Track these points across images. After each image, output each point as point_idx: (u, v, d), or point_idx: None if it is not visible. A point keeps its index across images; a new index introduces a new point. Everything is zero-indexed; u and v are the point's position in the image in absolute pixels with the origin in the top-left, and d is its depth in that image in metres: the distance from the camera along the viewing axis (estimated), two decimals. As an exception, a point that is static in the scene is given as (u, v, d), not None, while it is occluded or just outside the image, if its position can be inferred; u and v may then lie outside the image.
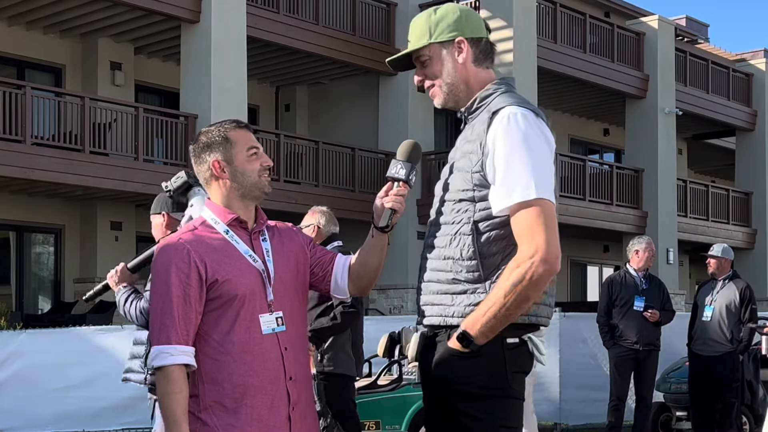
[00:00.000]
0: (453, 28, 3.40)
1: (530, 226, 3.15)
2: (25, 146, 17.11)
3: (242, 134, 3.52)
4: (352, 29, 22.25)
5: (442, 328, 3.32)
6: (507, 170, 3.18)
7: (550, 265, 3.14)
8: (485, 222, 3.25)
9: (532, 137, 3.21)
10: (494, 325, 3.18)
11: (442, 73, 3.40)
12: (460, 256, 3.27)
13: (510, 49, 22.15)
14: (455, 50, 3.40)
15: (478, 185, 3.25)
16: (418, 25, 3.44)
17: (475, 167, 3.26)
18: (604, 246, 28.71)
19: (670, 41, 26.94)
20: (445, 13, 3.42)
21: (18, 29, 20.05)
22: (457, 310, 3.28)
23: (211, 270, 3.37)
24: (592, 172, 25.52)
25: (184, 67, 19.63)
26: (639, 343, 10.16)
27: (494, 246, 3.25)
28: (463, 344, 3.20)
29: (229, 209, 3.49)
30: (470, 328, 3.20)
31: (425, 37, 3.40)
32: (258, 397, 3.37)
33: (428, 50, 3.39)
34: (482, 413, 3.23)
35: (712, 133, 30.99)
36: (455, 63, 3.40)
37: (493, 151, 3.22)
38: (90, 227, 20.62)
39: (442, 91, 3.42)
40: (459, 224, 3.29)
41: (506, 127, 3.21)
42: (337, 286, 3.60)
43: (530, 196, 3.15)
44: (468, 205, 3.27)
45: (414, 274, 22.32)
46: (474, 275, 3.26)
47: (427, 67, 3.42)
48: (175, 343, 3.33)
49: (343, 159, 22.12)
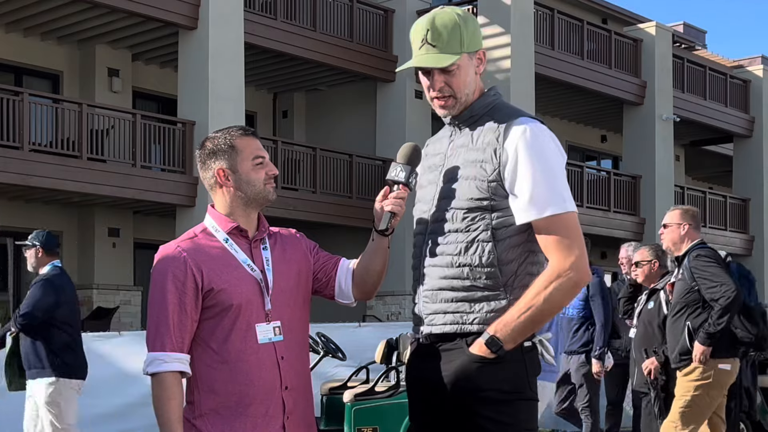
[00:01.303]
0: (478, 39, 3.42)
1: (566, 237, 3.25)
2: (22, 153, 17.11)
3: (248, 142, 3.50)
4: (350, 36, 22.26)
5: (454, 337, 3.33)
6: (534, 183, 3.23)
7: (586, 274, 3.27)
8: (502, 230, 3.29)
9: (554, 150, 3.30)
10: (524, 330, 3.25)
11: (465, 84, 3.39)
12: (479, 263, 3.29)
13: (507, 56, 22.16)
14: (476, 61, 3.42)
15: (495, 194, 3.28)
16: (449, 30, 3.35)
17: (491, 176, 3.28)
18: (602, 252, 28.71)
19: (667, 48, 26.97)
20: (473, 23, 3.41)
21: (15, 36, 20.05)
22: (478, 317, 3.30)
23: (208, 278, 3.37)
24: (590, 178, 25.55)
25: (181, 74, 19.63)
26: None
27: (511, 253, 3.30)
28: (492, 349, 3.23)
29: (230, 217, 3.49)
30: (500, 332, 3.23)
31: (458, 45, 3.35)
32: (253, 406, 3.37)
33: (459, 60, 3.36)
34: (507, 417, 3.27)
35: (709, 139, 31.01)
36: (473, 75, 3.42)
37: (515, 161, 3.26)
38: (87, 234, 20.62)
39: (459, 102, 3.40)
40: (476, 232, 3.30)
41: (529, 140, 3.26)
42: (341, 291, 3.59)
43: (564, 209, 3.25)
44: (484, 213, 3.29)
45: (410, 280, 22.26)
46: (493, 282, 3.29)
47: (453, 76, 3.37)
48: (169, 350, 3.34)
49: (341, 165, 22.13)
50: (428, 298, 3.39)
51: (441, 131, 3.60)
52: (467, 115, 3.42)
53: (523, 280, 3.30)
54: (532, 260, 3.33)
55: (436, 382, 3.33)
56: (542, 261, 3.34)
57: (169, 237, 16.47)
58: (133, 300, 20.60)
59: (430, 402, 3.39)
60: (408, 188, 3.45)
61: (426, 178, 3.53)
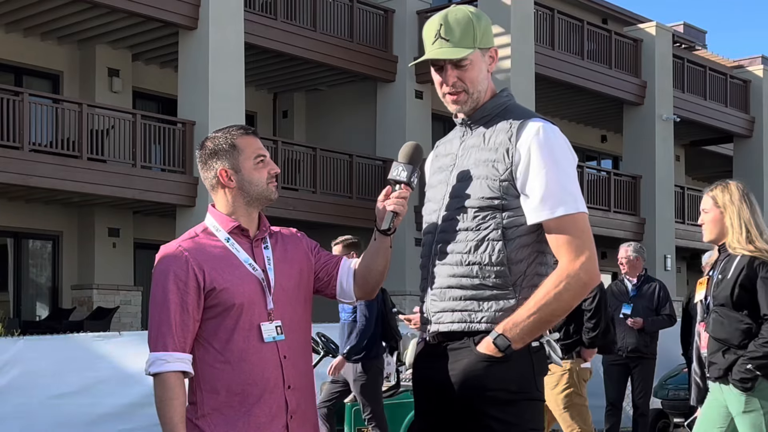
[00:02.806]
0: (491, 36, 3.44)
1: (577, 237, 3.26)
2: (22, 153, 17.10)
3: (249, 141, 3.50)
4: (350, 36, 22.25)
5: (461, 335, 3.33)
6: (547, 183, 3.25)
7: (595, 275, 3.28)
8: (513, 229, 3.30)
9: (566, 151, 3.32)
10: (533, 330, 3.25)
11: (478, 80, 3.40)
12: (489, 262, 3.30)
13: (508, 56, 22.16)
14: (489, 59, 3.43)
15: (506, 193, 3.29)
16: (462, 25, 3.36)
17: (503, 176, 3.29)
18: (602, 253, 28.69)
19: (667, 48, 26.96)
20: (486, 20, 3.43)
21: (16, 36, 20.05)
22: (487, 316, 3.31)
23: (210, 278, 3.37)
24: (590, 178, 25.55)
25: (181, 74, 19.62)
26: (623, 350, 10.18)
27: (521, 253, 3.30)
28: (500, 348, 3.24)
29: (232, 216, 3.48)
30: (509, 331, 3.24)
31: (470, 40, 3.36)
32: (256, 406, 3.36)
33: (472, 55, 3.37)
34: (514, 417, 3.27)
35: (709, 139, 31.01)
36: (485, 72, 3.43)
37: (527, 161, 3.27)
38: (88, 234, 20.60)
39: (472, 98, 3.41)
40: (486, 230, 3.30)
41: (542, 140, 3.28)
42: (342, 290, 3.60)
43: (576, 209, 3.27)
44: (495, 212, 3.30)
45: (412, 280, 22.29)
46: (502, 281, 3.30)
47: (466, 71, 3.38)
48: (171, 350, 3.33)
49: (341, 165, 22.12)
50: (436, 297, 3.40)
51: (451, 132, 3.61)
52: (479, 115, 3.44)
53: (532, 280, 3.30)
54: (542, 261, 3.34)
55: (442, 381, 3.33)
56: (551, 262, 3.35)
57: (169, 237, 16.46)
58: (133, 300, 20.59)
59: (436, 401, 3.39)
60: (410, 187, 3.46)
61: (436, 178, 3.54)
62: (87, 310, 19.81)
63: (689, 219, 27.66)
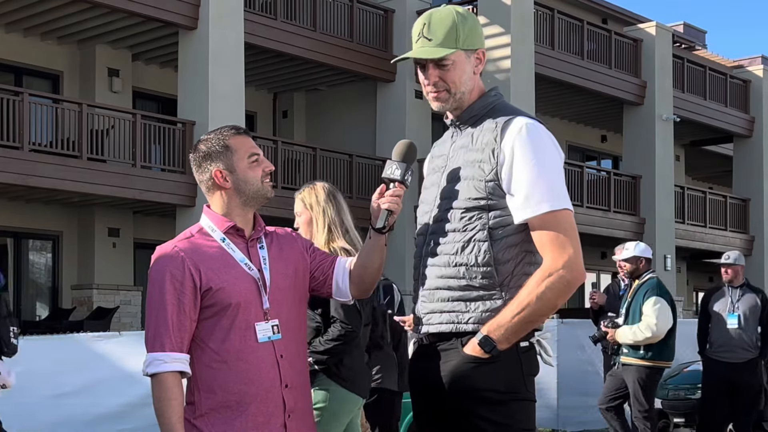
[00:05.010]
0: (477, 38, 3.41)
1: (560, 235, 3.24)
2: (22, 153, 17.10)
3: (242, 141, 3.50)
4: (350, 36, 22.26)
5: (450, 336, 3.33)
6: (530, 181, 3.23)
7: (579, 273, 3.26)
8: (499, 229, 3.29)
9: (550, 148, 3.29)
10: (518, 331, 3.24)
11: (461, 81, 3.39)
12: (476, 263, 3.29)
13: (507, 56, 22.16)
14: (475, 60, 3.41)
15: (492, 194, 3.28)
16: (445, 25, 3.35)
17: (488, 176, 3.29)
18: (602, 253, 28.69)
19: (667, 48, 26.96)
20: (473, 21, 3.41)
21: (16, 36, 20.05)
22: (474, 317, 3.30)
23: (206, 278, 3.37)
24: (590, 178, 25.53)
25: (181, 74, 19.62)
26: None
27: (508, 253, 3.29)
28: (485, 349, 3.23)
29: (227, 217, 3.49)
30: (493, 333, 3.23)
31: (453, 41, 3.35)
32: (254, 405, 3.37)
33: (453, 55, 3.36)
34: (503, 418, 3.26)
35: (709, 139, 30.99)
36: (471, 73, 3.41)
37: (511, 160, 3.26)
38: (88, 234, 20.61)
39: (454, 98, 3.40)
40: (472, 231, 3.30)
41: (525, 138, 3.26)
42: (338, 289, 3.60)
43: (558, 206, 3.24)
44: (481, 212, 3.29)
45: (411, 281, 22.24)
46: (489, 281, 3.29)
47: (448, 71, 3.37)
48: (168, 350, 3.33)
49: (341, 165, 22.12)
50: (426, 298, 3.40)
51: (445, 134, 3.60)
52: (467, 115, 3.43)
53: (520, 280, 3.29)
54: (530, 260, 3.32)
55: (434, 381, 3.34)
56: (540, 261, 3.33)
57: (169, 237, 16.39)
58: (133, 300, 20.60)
59: (430, 401, 3.40)
60: (404, 185, 3.45)
61: (429, 179, 3.54)
62: (87, 310, 19.82)
63: (689, 219, 27.67)
